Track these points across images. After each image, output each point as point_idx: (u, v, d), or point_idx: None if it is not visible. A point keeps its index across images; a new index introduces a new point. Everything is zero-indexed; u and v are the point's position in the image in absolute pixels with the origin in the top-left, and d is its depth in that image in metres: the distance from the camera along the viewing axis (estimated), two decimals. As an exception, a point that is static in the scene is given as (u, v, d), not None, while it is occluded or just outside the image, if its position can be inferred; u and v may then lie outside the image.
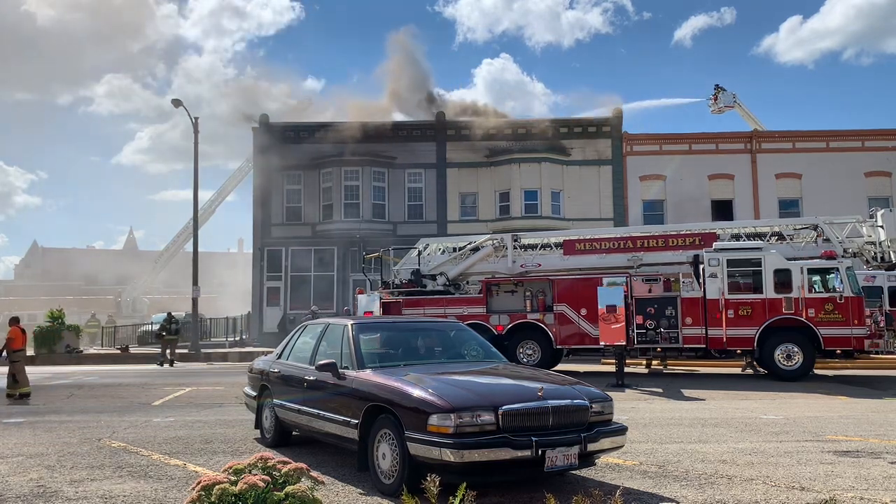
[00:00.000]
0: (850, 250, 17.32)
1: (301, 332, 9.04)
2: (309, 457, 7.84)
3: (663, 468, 7.37)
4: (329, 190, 32.72)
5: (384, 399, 6.45)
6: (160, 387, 16.33)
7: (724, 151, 32.85)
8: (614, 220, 31.91)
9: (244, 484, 4.08)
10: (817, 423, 10.32)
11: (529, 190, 32.10)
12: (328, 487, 6.14)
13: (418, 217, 33.06)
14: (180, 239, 54.01)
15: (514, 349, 17.99)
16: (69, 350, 27.69)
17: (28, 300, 64.08)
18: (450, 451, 5.68)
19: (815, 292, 16.20)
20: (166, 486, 6.73)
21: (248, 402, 9.62)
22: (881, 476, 6.98)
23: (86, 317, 45.57)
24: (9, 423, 11.02)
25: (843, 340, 15.99)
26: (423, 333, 8.51)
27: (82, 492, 6.57)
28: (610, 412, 6.60)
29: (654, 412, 11.66)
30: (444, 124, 33.41)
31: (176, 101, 28.64)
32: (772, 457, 7.92)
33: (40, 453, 8.45)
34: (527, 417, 6.03)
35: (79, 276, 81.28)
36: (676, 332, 17.02)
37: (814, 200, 31.28)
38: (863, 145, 32.57)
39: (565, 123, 33.34)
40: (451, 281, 20.12)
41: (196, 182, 29.41)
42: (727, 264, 16.74)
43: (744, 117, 40.94)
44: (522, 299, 18.62)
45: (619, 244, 18.89)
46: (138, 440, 9.24)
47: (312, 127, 33.97)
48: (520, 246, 19.84)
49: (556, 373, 8.51)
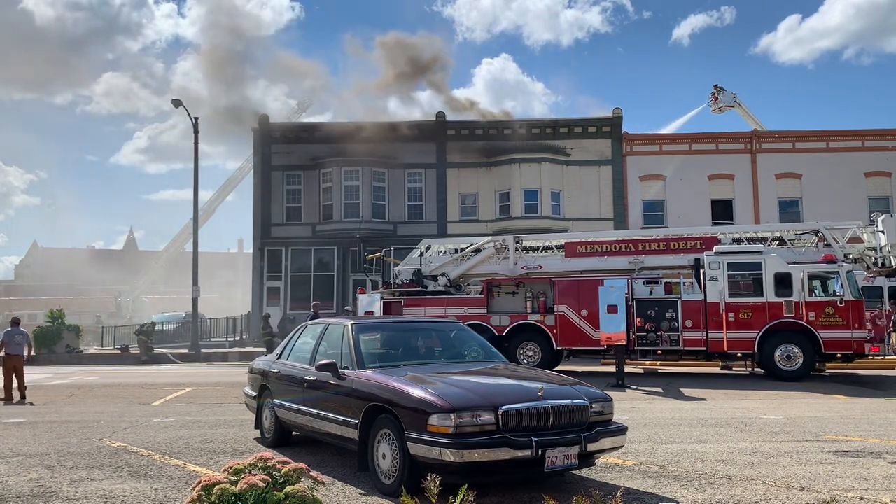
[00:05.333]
0: (851, 255, 17.30)
1: (301, 332, 9.04)
2: (309, 457, 7.83)
3: (663, 468, 7.37)
4: (329, 190, 32.72)
5: (384, 399, 6.45)
6: (160, 387, 16.33)
7: (724, 151, 32.84)
8: (614, 220, 31.90)
9: (244, 484, 4.08)
10: (817, 423, 10.32)
11: (529, 190, 32.08)
12: (328, 487, 6.14)
13: (418, 217, 33.05)
14: (180, 239, 54.03)
15: (515, 350, 17.99)
16: (69, 350, 27.69)
17: (28, 300, 64.05)
18: (450, 451, 5.68)
19: (816, 296, 16.19)
20: (166, 486, 6.73)
21: (248, 402, 9.62)
22: (881, 476, 6.98)
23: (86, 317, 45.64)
24: (9, 423, 11.02)
25: (844, 344, 15.99)
26: (424, 333, 8.51)
27: (82, 492, 6.57)
28: (610, 412, 6.60)
29: (654, 412, 11.66)
30: (444, 124, 33.41)
31: (176, 102, 28.61)
32: (772, 457, 7.92)
33: (40, 453, 8.45)
34: (527, 417, 6.03)
35: (79, 277, 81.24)
36: (677, 335, 17.03)
37: (814, 200, 31.29)
38: (863, 145, 32.55)
39: (565, 123, 33.31)
40: (452, 282, 20.12)
41: (196, 182, 29.40)
42: (728, 268, 16.73)
43: (744, 117, 40.97)
44: (523, 300, 18.62)
45: (620, 247, 18.88)
46: (138, 440, 9.24)
47: (312, 127, 33.96)
48: (521, 248, 19.84)
49: (555, 373, 8.51)
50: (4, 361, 14.83)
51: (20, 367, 14.79)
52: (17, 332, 15.24)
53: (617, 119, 33.03)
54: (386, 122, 33.97)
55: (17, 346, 14.94)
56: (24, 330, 15.67)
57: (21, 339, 15.14)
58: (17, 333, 15.20)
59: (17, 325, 15.68)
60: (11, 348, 14.87)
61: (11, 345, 14.92)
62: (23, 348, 15.06)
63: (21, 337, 15.18)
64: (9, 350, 14.85)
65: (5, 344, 14.97)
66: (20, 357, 14.91)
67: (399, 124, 33.56)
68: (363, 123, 32.90)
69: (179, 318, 38.39)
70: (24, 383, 14.72)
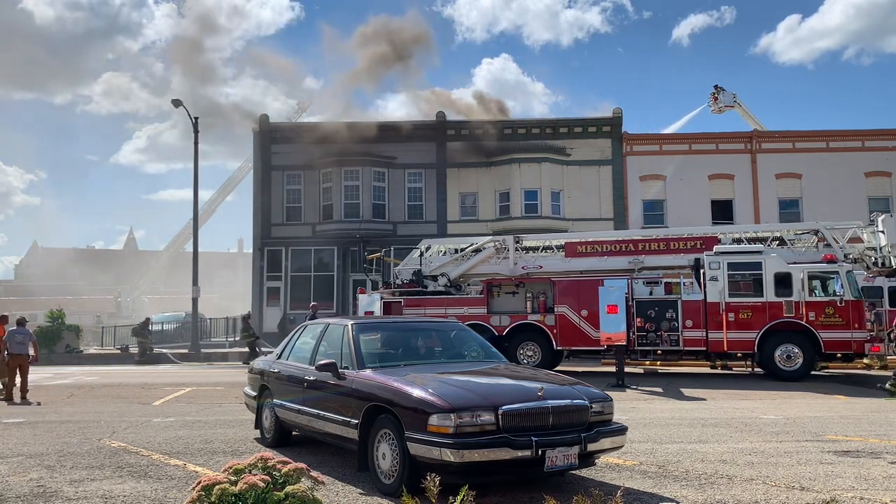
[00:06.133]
0: (851, 256, 17.31)
1: (301, 332, 9.04)
2: (309, 457, 7.83)
3: (663, 468, 7.37)
4: (329, 190, 32.70)
5: (384, 399, 6.45)
6: (160, 387, 16.33)
7: (724, 151, 32.82)
8: (614, 220, 31.89)
9: (244, 484, 4.09)
10: (817, 423, 10.32)
11: (529, 190, 32.05)
12: (328, 487, 6.14)
13: (418, 217, 33.04)
14: (180, 239, 54.06)
15: (515, 350, 18.00)
16: (69, 350, 27.70)
17: (28, 300, 64.04)
18: (450, 451, 5.68)
19: (816, 296, 16.20)
20: (166, 486, 6.73)
21: (248, 402, 9.62)
22: (881, 476, 6.98)
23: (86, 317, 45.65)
24: (9, 423, 11.02)
25: (844, 344, 16.00)
26: (424, 333, 8.51)
27: (82, 492, 6.57)
28: (610, 412, 6.60)
29: (654, 412, 11.66)
30: (444, 124, 33.41)
31: (176, 102, 28.63)
32: (772, 457, 7.92)
33: (40, 453, 8.45)
34: (527, 417, 6.03)
35: (79, 277, 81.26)
36: (677, 335, 17.03)
37: (814, 200, 31.27)
38: (863, 145, 32.53)
39: (565, 123, 33.29)
40: (452, 282, 20.12)
41: (196, 182, 29.41)
42: (728, 268, 16.74)
43: (744, 117, 40.98)
44: (523, 300, 18.63)
45: (620, 247, 18.89)
46: (138, 440, 9.24)
47: (312, 127, 33.95)
48: (521, 248, 19.85)
49: (555, 373, 8.51)
50: (8, 361, 14.83)
51: (24, 367, 14.77)
52: (20, 332, 15.23)
53: (617, 119, 33.01)
54: (386, 122, 33.99)
55: (18, 346, 14.92)
56: (27, 330, 15.67)
57: (23, 338, 15.11)
58: (18, 333, 15.19)
59: (22, 325, 15.67)
60: (14, 348, 14.86)
61: (13, 344, 14.91)
62: (26, 347, 15.04)
63: (23, 336, 15.15)
64: (11, 350, 14.84)
65: (7, 344, 14.96)
66: (24, 356, 14.89)
67: (399, 124, 33.56)
68: (363, 123, 32.89)
69: (179, 318, 38.40)
70: (27, 384, 14.71)
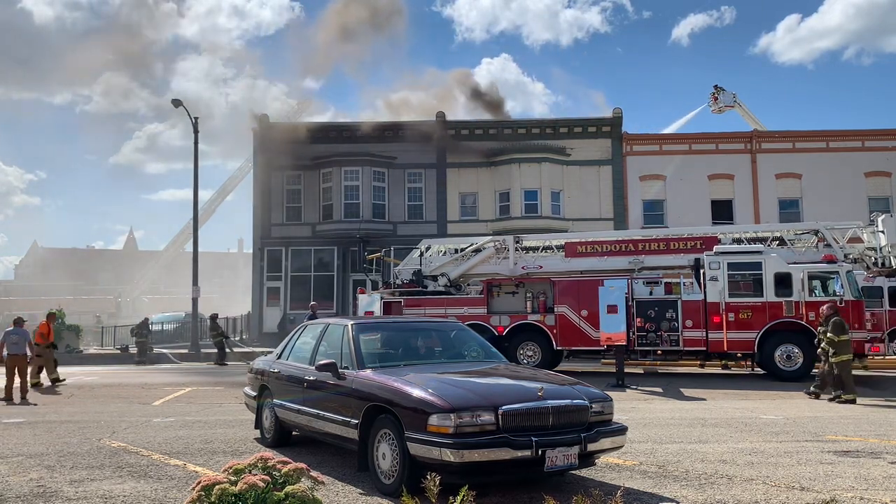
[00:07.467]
0: (851, 256, 17.31)
1: (301, 332, 9.04)
2: (309, 457, 7.83)
3: (663, 468, 7.37)
4: (329, 190, 32.71)
5: (384, 399, 6.45)
6: (160, 387, 16.33)
7: (724, 151, 32.83)
8: (614, 220, 31.90)
9: (244, 484, 4.08)
10: (817, 423, 10.32)
11: (529, 190, 32.06)
12: (328, 487, 6.14)
13: (418, 217, 33.05)
14: (180, 239, 54.08)
15: (515, 350, 17.99)
16: (69, 350, 27.68)
17: (28, 300, 64.05)
18: (450, 451, 5.68)
19: (816, 296, 16.18)
20: (166, 486, 6.73)
21: (248, 402, 9.62)
22: (881, 476, 6.98)
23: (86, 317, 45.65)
24: (9, 423, 11.02)
25: None
26: (424, 333, 8.51)
27: (82, 492, 6.57)
28: (610, 412, 6.60)
29: (654, 412, 11.66)
30: (445, 124, 33.41)
31: (176, 102, 28.59)
32: (772, 457, 7.92)
33: (40, 453, 8.45)
34: (527, 417, 6.03)
35: (78, 277, 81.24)
36: (677, 335, 17.02)
37: (814, 200, 31.28)
38: (863, 145, 32.54)
39: (565, 123, 33.31)
40: (452, 282, 20.12)
41: (196, 182, 29.38)
42: (728, 268, 16.73)
43: (744, 117, 41.03)
44: (523, 300, 18.62)
45: (620, 247, 18.88)
46: (138, 440, 9.24)
47: (312, 127, 33.95)
48: (521, 248, 19.84)
49: (555, 373, 8.50)
50: (6, 362, 14.82)
51: (22, 367, 14.77)
52: (15, 332, 15.22)
53: (617, 119, 33.02)
54: (386, 122, 34.00)
55: (14, 346, 14.91)
56: (24, 330, 15.66)
57: (18, 338, 15.08)
58: (14, 333, 15.18)
59: (19, 325, 15.67)
60: (10, 348, 14.86)
61: (8, 345, 14.91)
62: (22, 347, 15.03)
63: (18, 336, 15.13)
64: (8, 350, 14.84)
65: (2, 344, 14.95)
66: (21, 356, 14.89)
67: (399, 124, 33.56)
68: (363, 123, 32.89)
69: (179, 318, 38.37)
70: (26, 384, 14.71)
